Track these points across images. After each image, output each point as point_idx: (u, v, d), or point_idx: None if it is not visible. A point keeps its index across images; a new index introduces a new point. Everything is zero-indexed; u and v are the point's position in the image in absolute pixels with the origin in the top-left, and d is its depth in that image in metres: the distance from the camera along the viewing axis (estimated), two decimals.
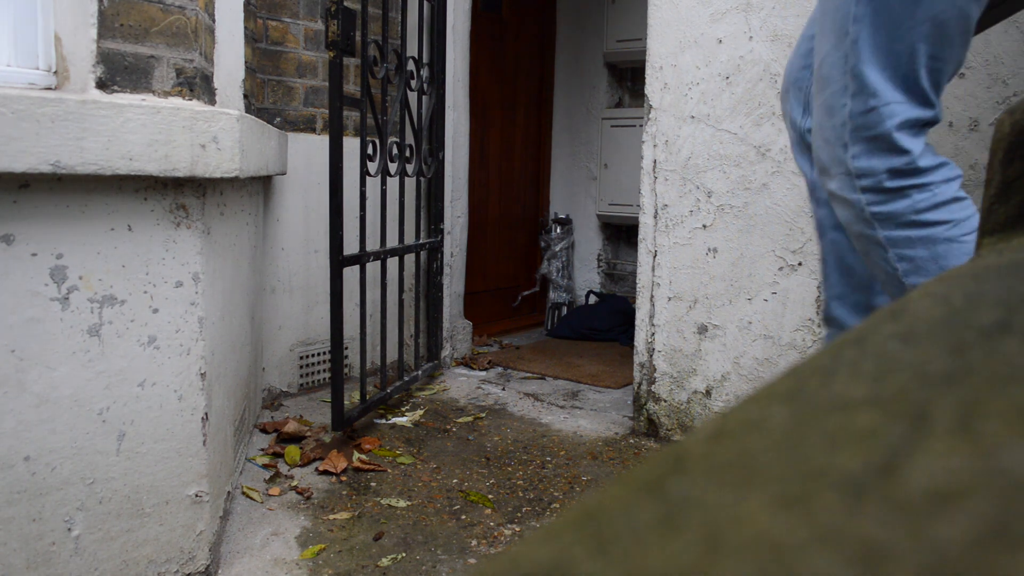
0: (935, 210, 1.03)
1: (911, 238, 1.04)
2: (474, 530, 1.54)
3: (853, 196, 1.06)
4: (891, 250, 1.06)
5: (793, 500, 0.14)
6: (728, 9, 1.93)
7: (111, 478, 1.17)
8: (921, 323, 0.25)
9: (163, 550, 1.23)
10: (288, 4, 2.34)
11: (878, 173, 1.03)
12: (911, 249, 1.04)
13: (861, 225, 1.08)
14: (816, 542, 0.13)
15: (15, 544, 1.09)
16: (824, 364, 0.23)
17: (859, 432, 0.17)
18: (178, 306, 1.22)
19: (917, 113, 1.02)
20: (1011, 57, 1.64)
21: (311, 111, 2.41)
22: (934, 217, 1.03)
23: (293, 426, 2.02)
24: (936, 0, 1.00)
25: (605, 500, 0.17)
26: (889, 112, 1.02)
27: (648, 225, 2.09)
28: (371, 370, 2.62)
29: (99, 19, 1.15)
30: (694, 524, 0.14)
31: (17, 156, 1.01)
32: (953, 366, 0.20)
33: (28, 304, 1.08)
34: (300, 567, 1.38)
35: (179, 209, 1.21)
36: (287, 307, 2.39)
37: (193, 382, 1.24)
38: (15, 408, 1.08)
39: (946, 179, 1.04)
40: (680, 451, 0.19)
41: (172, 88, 1.22)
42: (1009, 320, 0.23)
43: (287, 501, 1.65)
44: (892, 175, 1.02)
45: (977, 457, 0.15)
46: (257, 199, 2.08)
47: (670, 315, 2.07)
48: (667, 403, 2.09)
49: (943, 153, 1.72)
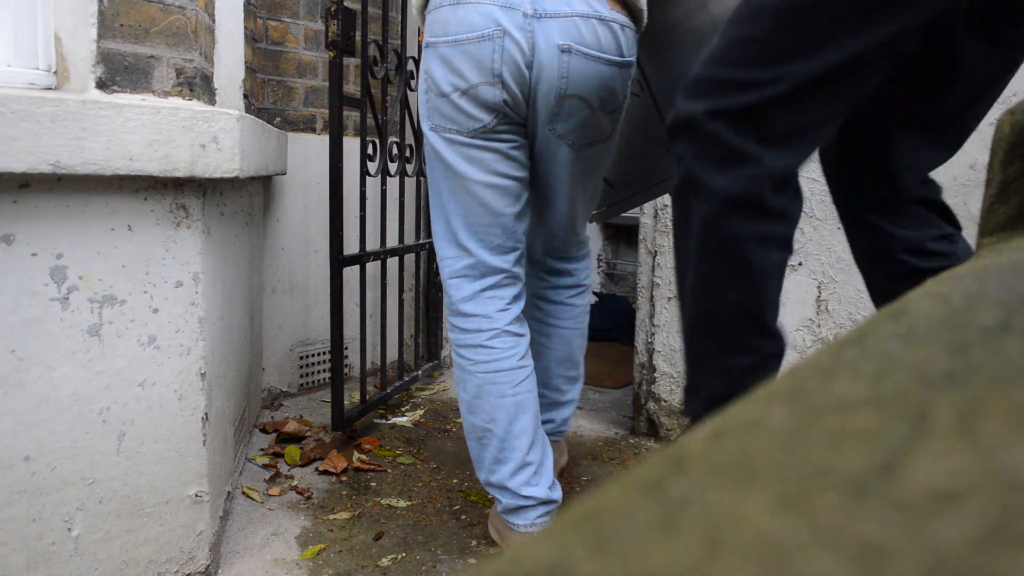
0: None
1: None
2: (474, 530, 1.54)
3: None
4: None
5: (793, 500, 0.14)
6: None
7: (111, 478, 1.17)
8: (921, 323, 0.25)
9: (163, 550, 1.23)
10: (288, 4, 2.34)
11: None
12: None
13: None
14: (816, 542, 0.13)
15: (15, 544, 1.09)
16: (824, 364, 0.23)
17: (859, 432, 0.17)
18: (178, 306, 1.22)
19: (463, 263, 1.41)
20: None
21: (311, 111, 2.41)
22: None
23: (293, 426, 2.02)
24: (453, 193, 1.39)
25: (605, 500, 0.17)
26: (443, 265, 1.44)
27: (648, 225, 2.09)
28: (371, 370, 2.61)
29: (99, 19, 1.15)
30: (694, 524, 0.14)
31: (17, 156, 1.01)
32: (953, 366, 0.20)
33: (28, 304, 1.08)
34: (300, 567, 1.38)
35: (179, 209, 1.21)
36: (287, 307, 2.39)
37: (193, 382, 1.24)
38: (15, 408, 1.08)
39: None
40: (680, 451, 0.19)
41: (172, 88, 1.22)
42: (1009, 320, 0.23)
43: (287, 501, 1.65)
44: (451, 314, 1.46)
45: (977, 457, 0.15)
46: (257, 199, 2.08)
47: (670, 315, 2.07)
48: (667, 403, 2.09)
49: None
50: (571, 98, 1.27)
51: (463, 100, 1.27)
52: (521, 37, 1.22)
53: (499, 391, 1.38)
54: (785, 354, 0.98)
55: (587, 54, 1.24)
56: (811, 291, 1.89)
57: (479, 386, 1.39)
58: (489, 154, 1.32)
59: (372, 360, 2.65)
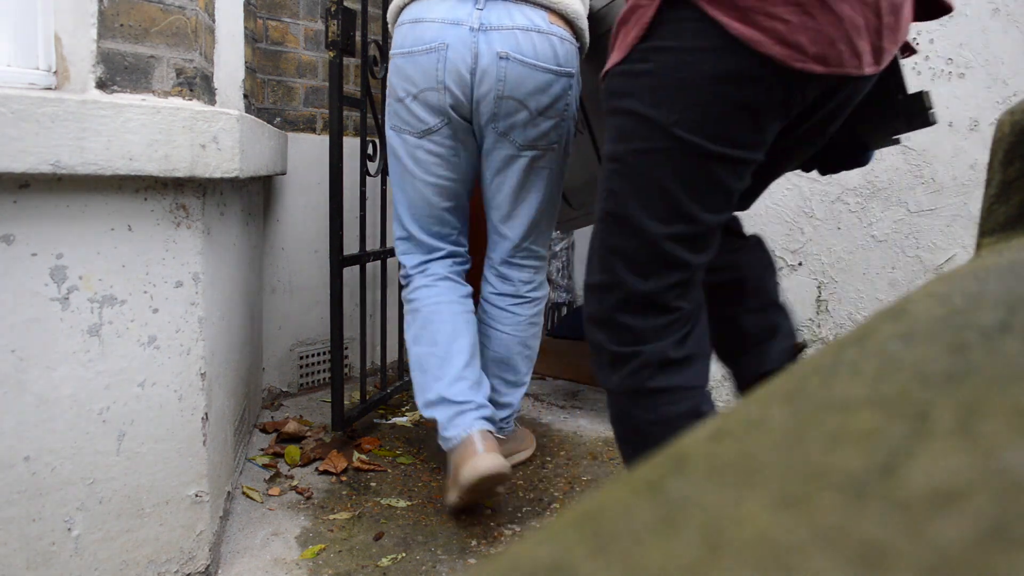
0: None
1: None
2: (474, 530, 1.54)
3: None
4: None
5: (793, 500, 0.14)
6: None
7: (111, 478, 1.17)
8: (921, 323, 0.25)
9: (163, 550, 1.23)
10: (288, 4, 2.33)
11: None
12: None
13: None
14: (816, 542, 0.13)
15: (15, 544, 1.09)
16: (824, 364, 0.23)
17: (859, 432, 0.17)
18: (178, 306, 1.22)
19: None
20: (1011, 57, 1.64)
21: (311, 111, 2.41)
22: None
23: (293, 426, 2.02)
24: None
25: (605, 500, 0.17)
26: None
27: None
28: (371, 370, 2.61)
29: (99, 19, 1.15)
30: (694, 524, 0.14)
31: (17, 156, 1.01)
32: (953, 366, 0.20)
33: (28, 304, 1.08)
34: (300, 567, 1.38)
35: (179, 209, 1.21)
36: (287, 307, 2.39)
37: (193, 382, 1.24)
38: (15, 408, 1.08)
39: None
40: (680, 451, 0.19)
41: (172, 88, 1.22)
42: (1009, 320, 0.23)
43: (287, 501, 1.65)
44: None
45: (977, 457, 0.15)
46: (257, 199, 2.08)
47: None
48: None
49: (943, 153, 1.72)
50: (508, 99, 1.46)
51: (414, 104, 1.50)
52: (465, 48, 1.43)
53: (440, 319, 1.61)
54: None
55: (523, 61, 1.43)
56: (811, 291, 1.89)
57: (425, 317, 1.62)
58: (432, 157, 1.56)
59: (372, 360, 2.65)
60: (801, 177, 1.88)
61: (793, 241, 1.90)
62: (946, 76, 1.70)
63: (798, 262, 1.89)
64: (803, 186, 1.88)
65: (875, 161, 1.79)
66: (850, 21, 0.85)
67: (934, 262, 1.75)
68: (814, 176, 1.86)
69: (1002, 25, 1.64)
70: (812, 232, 1.88)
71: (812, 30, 0.84)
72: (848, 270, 1.84)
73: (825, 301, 1.87)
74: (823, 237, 1.86)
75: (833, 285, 1.86)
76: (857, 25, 0.86)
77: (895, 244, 1.78)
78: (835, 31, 0.85)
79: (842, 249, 1.85)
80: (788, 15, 0.83)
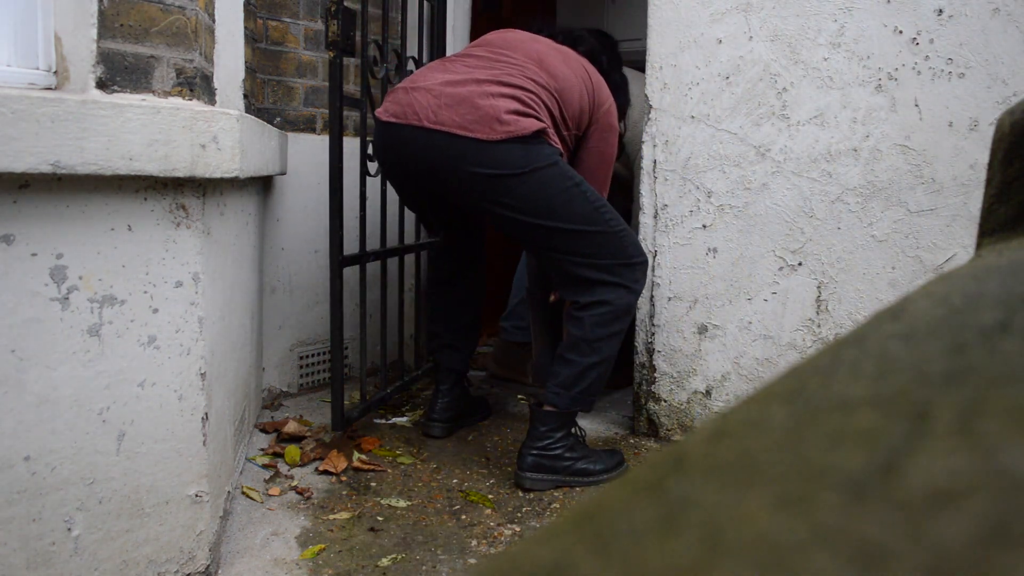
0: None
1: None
2: (474, 530, 1.54)
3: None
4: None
5: (793, 500, 0.14)
6: (728, 9, 1.93)
7: (111, 478, 1.17)
8: (921, 323, 0.25)
9: (163, 550, 1.23)
10: (288, 4, 2.33)
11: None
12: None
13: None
14: (816, 542, 0.13)
15: (15, 544, 1.09)
16: (824, 364, 0.23)
17: (859, 432, 0.17)
18: (178, 306, 1.22)
19: None
20: (1011, 57, 1.64)
21: (311, 111, 2.41)
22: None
23: (293, 426, 2.02)
24: None
25: (605, 500, 0.17)
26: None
27: (648, 225, 2.09)
28: (371, 370, 2.61)
29: (99, 19, 1.15)
30: (694, 524, 0.14)
31: (17, 156, 1.01)
32: (953, 366, 0.20)
33: (28, 304, 1.08)
34: (300, 567, 1.38)
35: (179, 209, 1.21)
36: (287, 307, 2.39)
37: (193, 382, 1.24)
38: (15, 408, 1.08)
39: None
40: (680, 451, 0.19)
41: (172, 88, 1.22)
42: (1009, 320, 0.23)
43: (287, 501, 1.65)
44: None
45: (977, 457, 0.15)
46: (257, 199, 2.08)
47: (670, 315, 2.07)
48: (667, 403, 2.09)
49: (943, 153, 1.72)
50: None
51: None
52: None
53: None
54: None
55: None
56: (811, 291, 1.89)
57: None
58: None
59: (372, 360, 2.65)
60: (801, 177, 1.88)
61: (793, 241, 1.90)
62: (946, 76, 1.70)
63: (798, 262, 1.89)
64: (803, 186, 1.88)
65: (875, 161, 1.79)
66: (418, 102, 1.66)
67: (934, 262, 1.75)
68: (814, 176, 1.86)
69: (1002, 25, 1.64)
70: (812, 232, 1.88)
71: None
72: (848, 270, 1.84)
73: (825, 301, 1.87)
74: (823, 237, 1.86)
75: (833, 285, 1.86)
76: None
77: (895, 244, 1.78)
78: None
79: (842, 249, 1.84)
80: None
